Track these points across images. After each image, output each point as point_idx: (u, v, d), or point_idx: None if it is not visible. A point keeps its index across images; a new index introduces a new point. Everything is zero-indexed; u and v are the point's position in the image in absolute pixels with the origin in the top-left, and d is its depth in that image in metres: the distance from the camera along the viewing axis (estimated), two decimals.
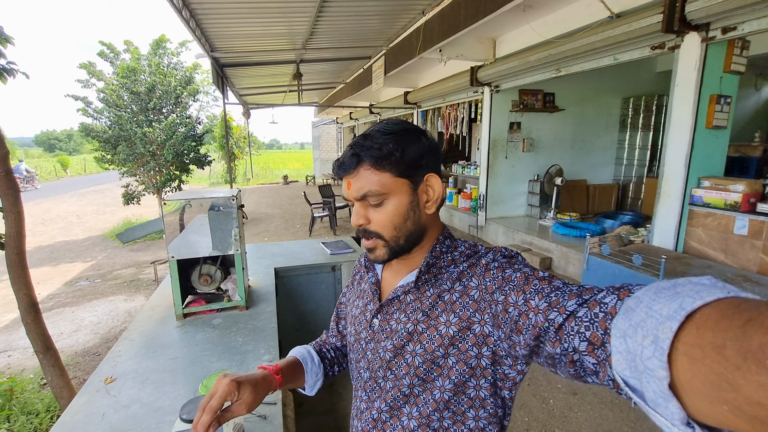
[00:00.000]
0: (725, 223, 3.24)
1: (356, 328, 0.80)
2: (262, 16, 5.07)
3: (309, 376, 0.85)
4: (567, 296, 0.50)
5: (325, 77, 9.95)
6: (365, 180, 0.66)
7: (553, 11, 4.52)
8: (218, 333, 1.80)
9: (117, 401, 1.31)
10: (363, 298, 0.80)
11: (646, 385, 0.32)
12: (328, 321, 3.01)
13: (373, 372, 0.74)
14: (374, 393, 0.74)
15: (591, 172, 7.38)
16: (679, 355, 0.30)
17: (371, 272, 0.79)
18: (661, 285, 0.36)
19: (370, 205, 0.68)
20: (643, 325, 0.33)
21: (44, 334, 1.99)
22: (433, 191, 0.69)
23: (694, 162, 3.42)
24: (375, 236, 0.68)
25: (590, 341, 0.44)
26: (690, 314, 0.30)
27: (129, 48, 8.30)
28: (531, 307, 0.53)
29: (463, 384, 0.65)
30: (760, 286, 2.68)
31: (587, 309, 0.46)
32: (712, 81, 3.28)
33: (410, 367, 0.68)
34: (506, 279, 0.60)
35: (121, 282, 5.16)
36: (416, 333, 0.67)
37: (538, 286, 0.55)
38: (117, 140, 7.75)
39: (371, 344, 0.75)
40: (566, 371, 0.49)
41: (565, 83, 6.39)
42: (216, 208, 1.89)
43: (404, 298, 0.71)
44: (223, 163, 20.06)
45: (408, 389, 0.68)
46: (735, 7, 2.76)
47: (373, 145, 0.66)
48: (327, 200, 7.82)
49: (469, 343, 0.63)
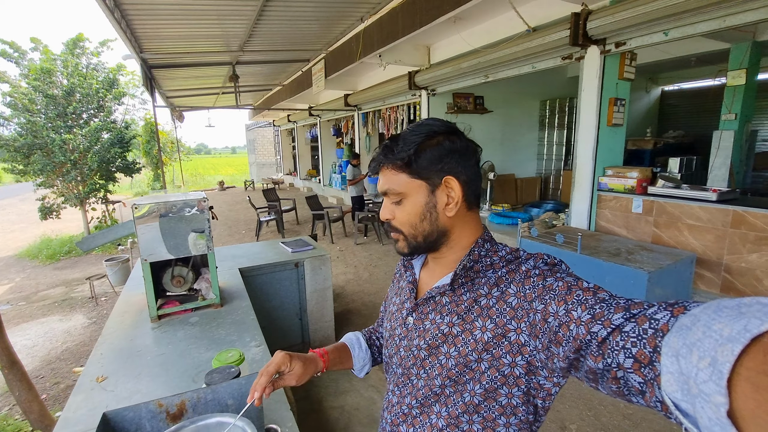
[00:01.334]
0: (625, 204, 3.90)
1: (392, 324, 0.82)
2: (197, 18, 4.97)
3: (356, 361, 0.92)
4: (613, 309, 0.48)
5: (261, 79, 9.79)
6: (386, 179, 0.72)
7: (480, 23, 5.01)
8: (199, 329, 1.87)
9: (116, 395, 1.37)
10: (401, 295, 0.82)
11: (700, 410, 0.30)
12: (293, 317, 3.13)
13: (405, 368, 0.76)
14: (405, 389, 0.76)
15: (518, 167, 8.17)
16: (740, 380, 0.27)
17: (409, 271, 0.81)
18: (723, 303, 0.33)
19: (394, 203, 0.72)
20: (700, 346, 0.31)
21: (7, 347, 1.89)
22: (454, 194, 0.69)
23: (599, 155, 4.05)
24: (397, 231, 0.73)
25: (637, 359, 0.42)
26: (756, 337, 0.28)
27: (37, 46, 7.50)
28: (572, 319, 0.51)
29: (495, 390, 0.64)
30: (654, 252, 3.30)
31: (635, 324, 0.44)
32: (610, 86, 3.93)
33: (443, 368, 0.68)
34: (547, 288, 0.58)
35: (51, 302, 4.73)
36: (451, 335, 0.67)
37: (581, 296, 0.53)
38: (30, 148, 6.97)
39: (404, 341, 0.76)
40: (608, 388, 0.47)
41: (492, 88, 7.02)
42: (186, 210, 1.95)
43: (440, 299, 0.71)
44: (147, 171, 18.64)
45: (439, 389, 0.69)
46: (623, 26, 3.37)
47: (394, 147, 0.70)
48: (273, 204, 7.75)
49: (504, 350, 0.62)
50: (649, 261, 3.07)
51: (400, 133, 0.73)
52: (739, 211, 3.17)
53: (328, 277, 3.17)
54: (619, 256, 3.21)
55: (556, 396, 0.67)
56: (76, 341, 3.69)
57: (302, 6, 4.92)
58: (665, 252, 3.32)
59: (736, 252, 3.23)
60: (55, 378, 3.09)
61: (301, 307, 3.15)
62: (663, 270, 2.96)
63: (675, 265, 3.09)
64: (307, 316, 3.16)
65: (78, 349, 3.53)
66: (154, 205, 1.87)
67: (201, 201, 1.98)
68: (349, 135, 10.77)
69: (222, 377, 1.05)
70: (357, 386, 2.71)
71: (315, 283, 3.13)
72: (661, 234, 3.65)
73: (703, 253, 3.40)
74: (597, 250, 3.38)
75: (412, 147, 0.68)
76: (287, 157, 17.80)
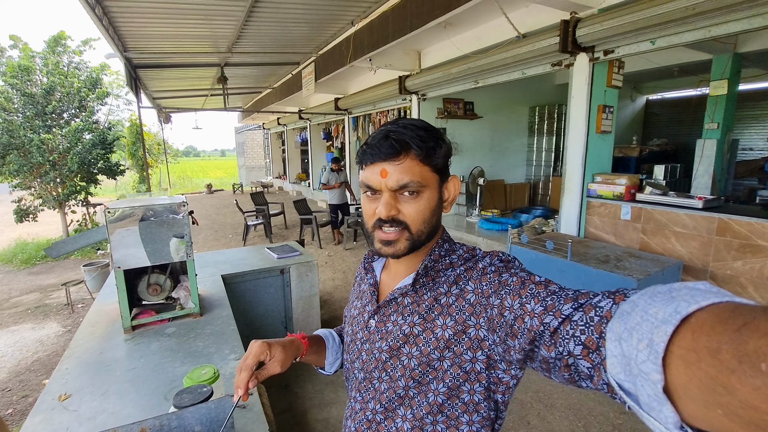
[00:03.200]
0: (614, 210, 3.91)
1: (353, 328, 0.80)
2: (184, 17, 4.87)
3: (330, 352, 0.89)
4: (563, 300, 0.50)
5: (251, 81, 9.68)
6: (410, 170, 0.64)
7: (471, 29, 5.01)
8: (175, 341, 1.77)
9: (79, 415, 1.27)
10: (362, 299, 0.81)
11: (640, 388, 0.32)
12: (278, 325, 3.03)
13: (367, 373, 0.74)
14: (368, 394, 0.74)
15: (507, 172, 8.20)
16: (674, 358, 0.30)
17: (370, 273, 0.80)
18: (657, 289, 0.36)
19: (402, 196, 0.66)
20: (639, 329, 0.33)
21: None
22: (453, 191, 0.71)
23: (588, 161, 4.06)
24: (403, 227, 0.66)
25: (585, 345, 0.44)
26: (685, 318, 0.30)
27: (17, 44, 7.28)
28: (527, 311, 0.53)
29: (458, 388, 0.65)
30: (642, 259, 3.30)
31: (583, 313, 0.46)
32: (598, 93, 3.95)
33: (405, 368, 0.68)
34: (502, 283, 0.60)
35: (24, 309, 4.53)
36: (412, 335, 0.67)
37: (534, 290, 0.55)
38: (6, 148, 6.72)
39: (366, 345, 0.75)
40: (561, 375, 0.49)
41: (482, 93, 7.04)
42: (164, 215, 1.85)
43: (401, 301, 0.71)
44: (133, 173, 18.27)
45: (403, 391, 0.68)
46: (611, 34, 3.39)
47: (419, 135, 0.65)
48: (260, 208, 7.62)
49: (464, 346, 0.63)
50: (638, 268, 3.07)
51: (405, 123, 0.67)
52: (724, 219, 3.19)
53: (314, 283, 3.09)
54: (608, 263, 3.20)
55: (514, 389, 0.67)
56: (48, 351, 3.52)
57: (292, 8, 4.86)
58: (653, 259, 3.32)
59: (721, 259, 3.25)
60: (24, 391, 2.93)
61: (286, 314, 3.05)
62: (651, 277, 2.96)
63: (662, 272, 3.08)
64: (293, 324, 3.07)
65: (50, 359, 3.36)
66: (129, 209, 1.77)
67: (180, 205, 1.89)
68: (339, 139, 10.71)
69: (192, 398, 0.97)
70: (342, 397, 2.63)
71: (301, 290, 3.04)
72: (649, 241, 3.66)
73: (689, 260, 3.41)
74: (586, 256, 3.36)
75: (433, 140, 0.66)
76: (277, 161, 17.62)
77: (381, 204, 0.66)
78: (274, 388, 2.72)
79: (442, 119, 6.91)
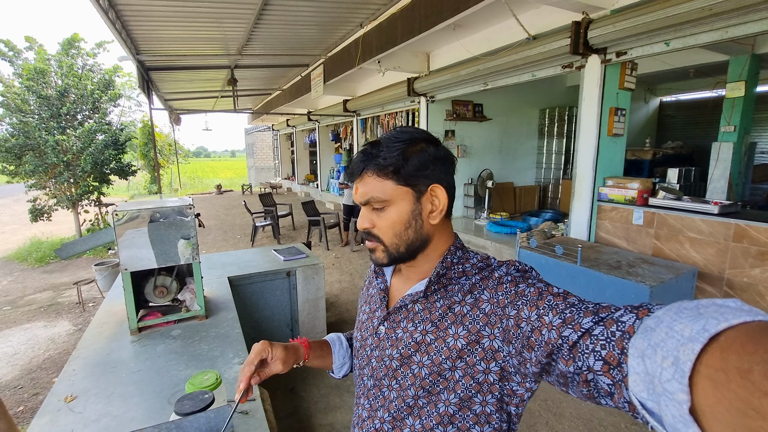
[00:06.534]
0: (626, 215, 3.83)
1: (362, 333, 0.79)
2: (194, 20, 4.92)
3: (336, 357, 0.88)
4: (582, 313, 0.49)
5: (261, 83, 9.75)
6: (369, 186, 0.67)
7: (480, 30, 4.98)
8: (180, 343, 1.77)
9: (84, 417, 1.27)
10: (371, 304, 0.80)
11: (664, 408, 0.31)
12: (284, 327, 3.03)
13: (377, 380, 0.73)
14: (377, 402, 0.73)
15: (516, 175, 8.12)
16: (701, 378, 0.28)
17: (380, 278, 0.78)
18: (684, 305, 0.34)
19: (374, 209, 0.69)
20: (663, 346, 0.32)
21: None
22: (438, 201, 0.68)
23: (600, 165, 3.99)
24: (376, 240, 0.69)
25: (606, 361, 0.42)
26: (714, 336, 0.29)
27: (32, 46, 7.43)
28: (544, 323, 0.51)
29: (469, 399, 0.63)
30: (655, 265, 3.23)
31: (603, 327, 0.45)
32: (610, 96, 3.88)
33: (416, 377, 0.66)
34: (519, 293, 0.58)
35: (37, 307, 4.61)
36: (424, 343, 0.66)
37: (552, 302, 0.53)
38: (22, 149, 6.87)
39: (376, 351, 0.74)
40: (579, 391, 0.47)
41: (491, 95, 6.99)
42: (171, 217, 1.86)
43: (412, 307, 0.70)
44: (145, 173, 18.54)
45: (412, 400, 0.67)
46: (624, 36, 3.32)
47: (379, 153, 0.67)
48: (269, 209, 7.66)
49: (478, 357, 0.62)
50: (651, 275, 2.99)
51: (379, 139, 0.70)
52: (742, 225, 3.10)
53: (321, 286, 3.08)
54: (620, 269, 3.13)
55: (528, 402, 0.66)
56: (59, 349, 3.57)
57: (301, 11, 4.88)
58: (666, 265, 3.24)
59: (738, 266, 3.15)
60: (35, 388, 2.97)
61: (292, 317, 3.05)
62: (665, 284, 2.89)
63: (676, 279, 3.01)
64: (299, 327, 3.06)
65: (61, 357, 3.40)
66: (135, 211, 1.78)
67: (186, 207, 1.89)
68: (347, 140, 10.72)
69: (193, 405, 0.96)
70: (348, 402, 2.61)
71: (307, 292, 3.03)
72: (662, 246, 3.58)
73: (704, 267, 3.32)
74: (597, 262, 3.30)
75: (397, 152, 0.66)
76: (285, 162, 17.71)
77: (359, 217, 0.71)
78: (279, 391, 2.72)
79: (451, 121, 6.87)
